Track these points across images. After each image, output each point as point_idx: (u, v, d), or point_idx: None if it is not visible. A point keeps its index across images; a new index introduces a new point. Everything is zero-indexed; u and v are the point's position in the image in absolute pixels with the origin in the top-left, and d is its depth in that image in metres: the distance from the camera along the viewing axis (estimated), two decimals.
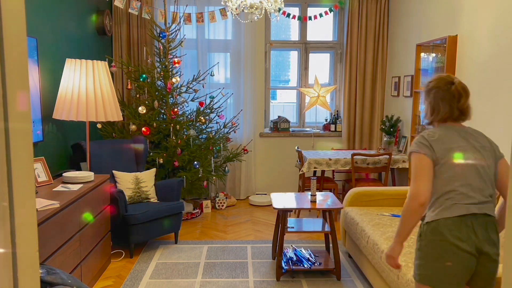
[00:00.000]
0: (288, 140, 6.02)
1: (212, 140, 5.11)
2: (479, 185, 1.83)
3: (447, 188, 1.83)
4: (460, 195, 1.82)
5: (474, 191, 1.82)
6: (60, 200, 2.80)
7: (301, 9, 5.99)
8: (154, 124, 4.84)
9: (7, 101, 0.70)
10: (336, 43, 6.09)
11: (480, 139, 1.92)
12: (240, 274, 3.59)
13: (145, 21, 5.45)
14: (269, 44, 5.98)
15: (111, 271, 3.65)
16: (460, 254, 1.78)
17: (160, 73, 4.97)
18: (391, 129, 5.27)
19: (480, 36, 3.49)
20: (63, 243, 2.77)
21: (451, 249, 1.78)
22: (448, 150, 1.85)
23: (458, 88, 1.93)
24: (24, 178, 0.75)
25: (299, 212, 5.11)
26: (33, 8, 3.44)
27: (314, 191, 3.64)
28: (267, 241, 4.34)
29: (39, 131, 3.56)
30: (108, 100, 3.81)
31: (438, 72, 4.16)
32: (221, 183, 5.89)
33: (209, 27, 5.74)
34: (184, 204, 4.33)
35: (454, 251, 1.78)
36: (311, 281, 3.47)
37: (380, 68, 5.81)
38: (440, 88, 1.95)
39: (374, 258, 3.07)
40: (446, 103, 1.92)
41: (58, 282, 1.82)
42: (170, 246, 4.19)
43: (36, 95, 3.51)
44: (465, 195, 1.81)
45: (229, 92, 5.77)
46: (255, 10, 3.98)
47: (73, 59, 3.71)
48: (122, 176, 4.18)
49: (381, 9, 5.71)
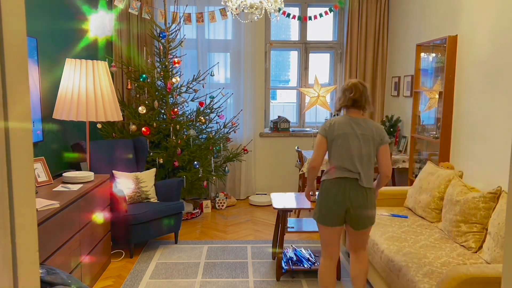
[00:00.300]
0: (288, 140, 6.02)
1: (212, 140, 5.11)
2: (350, 161, 2.62)
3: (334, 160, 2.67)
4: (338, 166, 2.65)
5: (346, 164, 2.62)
6: (60, 200, 2.80)
7: (301, 9, 5.99)
8: (154, 124, 4.84)
9: (7, 101, 0.70)
10: (336, 43, 6.09)
11: (365, 129, 2.63)
12: (240, 274, 3.59)
13: (145, 21, 5.45)
14: (269, 44, 5.98)
15: (111, 271, 3.65)
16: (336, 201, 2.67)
17: (160, 73, 4.97)
18: (391, 129, 5.27)
19: (480, 36, 3.49)
20: (63, 243, 2.77)
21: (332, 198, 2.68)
22: (335, 134, 2.63)
23: (353, 84, 2.69)
24: (24, 178, 0.75)
25: (299, 212, 5.11)
26: (33, 8, 3.44)
27: (314, 191, 3.63)
28: (267, 241, 4.34)
29: (39, 131, 3.56)
30: (108, 100, 3.81)
31: (438, 72, 4.16)
32: (221, 183, 5.89)
33: (209, 27, 5.74)
34: (184, 204, 4.33)
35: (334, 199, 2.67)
36: (311, 281, 3.47)
37: (380, 68, 5.81)
38: (343, 86, 2.75)
39: (374, 258, 3.07)
40: (343, 95, 2.72)
41: (58, 282, 1.82)
42: (170, 246, 4.19)
43: (36, 95, 3.51)
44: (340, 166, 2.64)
45: (229, 92, 5.77)
46: (255, 10, 3.98)
47: (73, 59, 3.71)
48: (122, 176, 4.18)
49: (381, 9, 5.71)
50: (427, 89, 4.40)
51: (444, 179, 3.38)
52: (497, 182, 3.14)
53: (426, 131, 4.46)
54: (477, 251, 2.82)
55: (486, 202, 2.83)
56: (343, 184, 2.62)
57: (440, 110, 3.99)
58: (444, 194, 3.33)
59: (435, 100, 4.23)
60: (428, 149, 4.46)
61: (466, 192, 3.04)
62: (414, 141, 4.67)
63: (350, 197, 2.62)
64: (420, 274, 2.51)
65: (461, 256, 2.75)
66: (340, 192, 2.62)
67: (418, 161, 4.64)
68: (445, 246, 2.92)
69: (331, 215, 2.69)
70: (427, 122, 4.48)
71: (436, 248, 2.87)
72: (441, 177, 3.43)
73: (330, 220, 2.70)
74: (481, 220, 2.84)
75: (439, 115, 4.08)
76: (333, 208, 2.66)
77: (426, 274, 2.50)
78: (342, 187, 2.62)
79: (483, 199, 2.85)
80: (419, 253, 2.80)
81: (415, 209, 3.61)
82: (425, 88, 4.46)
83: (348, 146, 2.61)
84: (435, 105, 4.22)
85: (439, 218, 3.37)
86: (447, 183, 3.35)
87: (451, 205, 3.09)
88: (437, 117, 4.17)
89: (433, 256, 2.75)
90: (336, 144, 2.64)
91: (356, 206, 2.63)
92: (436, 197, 3.38)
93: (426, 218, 3.45)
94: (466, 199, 2.96)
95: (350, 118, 2.67)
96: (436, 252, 2.81)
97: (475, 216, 2.86)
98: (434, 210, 3.39)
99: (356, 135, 2.62)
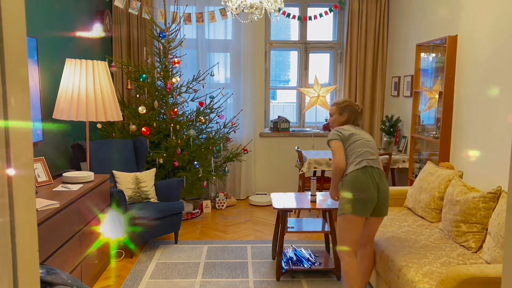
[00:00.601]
0: (288, 140, 6.02)
1: (212, 140, 5.11)
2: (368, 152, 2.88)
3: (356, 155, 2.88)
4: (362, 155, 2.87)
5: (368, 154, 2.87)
6: (60, 200, 2.80)
7: (301, 9, 5.99)
8: (154, 124, 4.84)
9: (7, 101, 0.70)
10: (336, 43, 6.09)
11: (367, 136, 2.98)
12: (240, 274, 3.59)
13: (145, 21, 5.45)
14: (269, 44, 5.98)
15: (111, 271, 3.65)
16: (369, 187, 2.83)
17: (160, 73, 4.97)
18: (391, 129, 5.27)
19: (480, 36, 3.49)
20: (63, 243, 2.77)
21: None
22: (347, 135, 2.93)
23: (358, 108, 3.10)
24: (24, 178, 0.75)
25: (299, 212, 5.11)
26: (33, 8, 3.44)
27: (314, 191, 3.64)
28: (267, 241, 4.34)
29: (39, 131, 3.56)
30: (108, 100, 3.81)
31: (438, 72, 4.16)
32: (221, 183, 5.89)
33: (209, 27, 5.74)
34: (184, 204, 4.33)
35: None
36: (311, 281, 3.47)
37: (380, 68, 5.81)
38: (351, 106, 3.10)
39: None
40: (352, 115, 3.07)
41: (58, 282, 1.82)
42: (170, 246, 4.19)
43: (36, 95, 3.51)
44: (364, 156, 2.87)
45: (229, 92, 5.77)
46: (255, 10, 3.98)
47: (73, 59, 3.71)
48: (122, 176, 4.18)
49: (381, 9, 5.71)
50: (427, 89, 4.40)
51: (444, 179, 3.38)
52: (497, 182, 3.14)
53: (426, 131, 4.46)
54: (477, 251, 2.82)
55: (486, 202, 2.83)
56: (370, 171, 2.82)
57: (440, 110, 3.99)
58: (444, 194, 3.33)
59: (435, 100, 4.23)
60: (428, 149, 4.46)
61: (466, 192, 3.04)
62: (414, 141, 4.67)
63: (377, 183, 2.81)
64: (420, 274, 2.51)
65: (461, 256, 2.75)
66: (370, 179, 2.80)
67: (418, 161, 4.64)
68: (445, 246, 2.92)
69: (367, 204, 2.80)
70: (427, 122, 4.48)
71: (436, 248, 2.87)
72: (441, 177, 3.43)
73: (366, 209, 2.81)
74: (481, 220, 2.84)
75: (439, 115, 4.08)
76: (368, 194, 2.79)
77: (426, 274, 2.50)
78: (370, 174, 2.81)
79: (483, 199, 2.85)
80: (419, 253, 2.80)
81: (415, 209, 3.61)
82: (425, 88, 4.46)
83: (361, 141, 2.90)
84: (435, 105, 4.22)
85: (439, 218, 3.37)
86: (447, 183, 3.35)
87: (451, 205, 3.09)
88: (437, 117, 4.17)
89: (433, 256, 2.75)
90: (351, 142, 2.92)
91: (383, 191, 2.84)
92: (436, 197, 3.38)
93: (426, 218, 3.45)
94: (466, 199, 2.96)
95: (351, 127, 3.03)
96: (436, 252, 2.81)
97: (475, 216, 2.86)
98: (434, 210, 3.39)
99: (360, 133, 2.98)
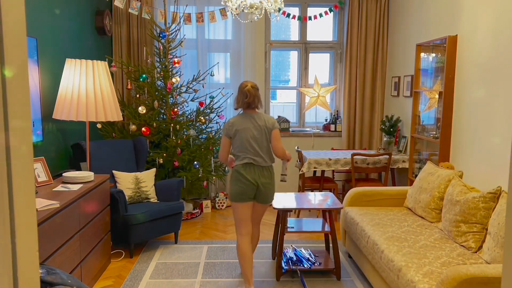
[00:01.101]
0: (288, 140, 6.01)
1: (212, 140, 5.11)
2: (253, 148, 3.15)
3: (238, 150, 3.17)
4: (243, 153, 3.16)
5: (249, 152, 3.15)
6: (60, 200, 2.80)
7: (301, 9, 5.99)
8: (154, 124, 4.84)
9: (7, 101, 0.70)
10: (336, 43, 6.09)
11: (259, 121, 3.17)
12: (240, 274, 3.59)
13: (145, 21, 5.45)
14: (269, 44, 5.98)
15: (111, 271, 3.65)
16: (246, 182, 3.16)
17: (160, 73, 4.97)
18: (391, 129, 5.27)
19: (480, 36, 3.49)
20: (63, 243, 2.77)
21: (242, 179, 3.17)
22: (235, 129, 3.15)
23: (247, 90, 3.15)
24: (24, 178, 0.75)
25: (299, 212, 5.11)
26: (33, 8, 3.44)
27: (284, 170, 3.46)
28: (267, 241, 4.34)
29: (39, 131, 3.56)
30: (108, 100, 3.81)
31: (438, 72, 4.16)
32: (221, 183, 5.89)
33: (209, 27, 5.74)
34: (184, 204, 4.33)
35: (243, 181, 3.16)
36: (311, 281, 3.47)
37: (380, 68, 5.81)
38: (240, 88, 3.21)
39: (374, 258, 3.07)
40: (241, 98, 3.19)
41: (58, 282, 1.82)
42: (170, 246, 4.19)
43: (36, 95, 3.51)
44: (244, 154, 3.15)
45: (229, 92, 5.76)
46: (255, 10, 3.98)
47: (73, 59, 3.71)
48: (122, 176, 4.18)
49: (381, 9, 5.71)
50: (427, 89, 4.40)
51: (444, 179, 3.38)
52: (497, 182, 3.14)
53: (426, 131, 4.46)
54: (477, 251, 2.82)
55: (486, 202, 2.83)
56: (252, 167, 3.14)
57: (440, 110, 3.99)
58: (444, 194, 3.33)
59: (435, 100, 4.23)
60: (428, 149, 4.46)
61: (466, 192, 3.04)
62: (414, 141, 4.67)
63: (259, 176, 3.14)
64: (420, 274, 2.51)
65: (461, 256, 2.75)
66: (251, 173, 3.13)
67: (418, 161, 4.64)
68: (445, 246, 2.92)
69: (246, 193, 3.16)
70: (427, 122, 4.48)
71: (436, 248, 2.87)
72: (441, 177, 3.43)
73: (244, 197, 3.17)
74: (481, 220, 2.84)
75: (439, 115, 4.08)
76: (246, 186, 3.14)
77: (426, 274, 2.50)
78: (252, 170, 3.14)
79: (483, 199, 2.85)
80: (419, 253, 2.80)
81: (415, 209, 3.61)
82: (425, 88, 4.46)
83: (247, 137, 3.14)
84: (435, 105, 4.22)
85: (439, 218, 3.37)
86: (447, 183, 3.35)
87: (451, 205, 3.09)
88: (437, 117, 4.17)
89: (433, 256, 2.75)
90: (237, 137, 3.16)
91: (264, 183, 3.16)
92: (436, 197, 3.38)
93: (426, 218, 3.45)
94: (466, 199, 2.96)
95: (247, 115, 3.20)
96: (436, 252, 2.81)
97: (475, 216, 2.86)
98: (434, 210, 3.39)
99: (255, 127, 3.16)
